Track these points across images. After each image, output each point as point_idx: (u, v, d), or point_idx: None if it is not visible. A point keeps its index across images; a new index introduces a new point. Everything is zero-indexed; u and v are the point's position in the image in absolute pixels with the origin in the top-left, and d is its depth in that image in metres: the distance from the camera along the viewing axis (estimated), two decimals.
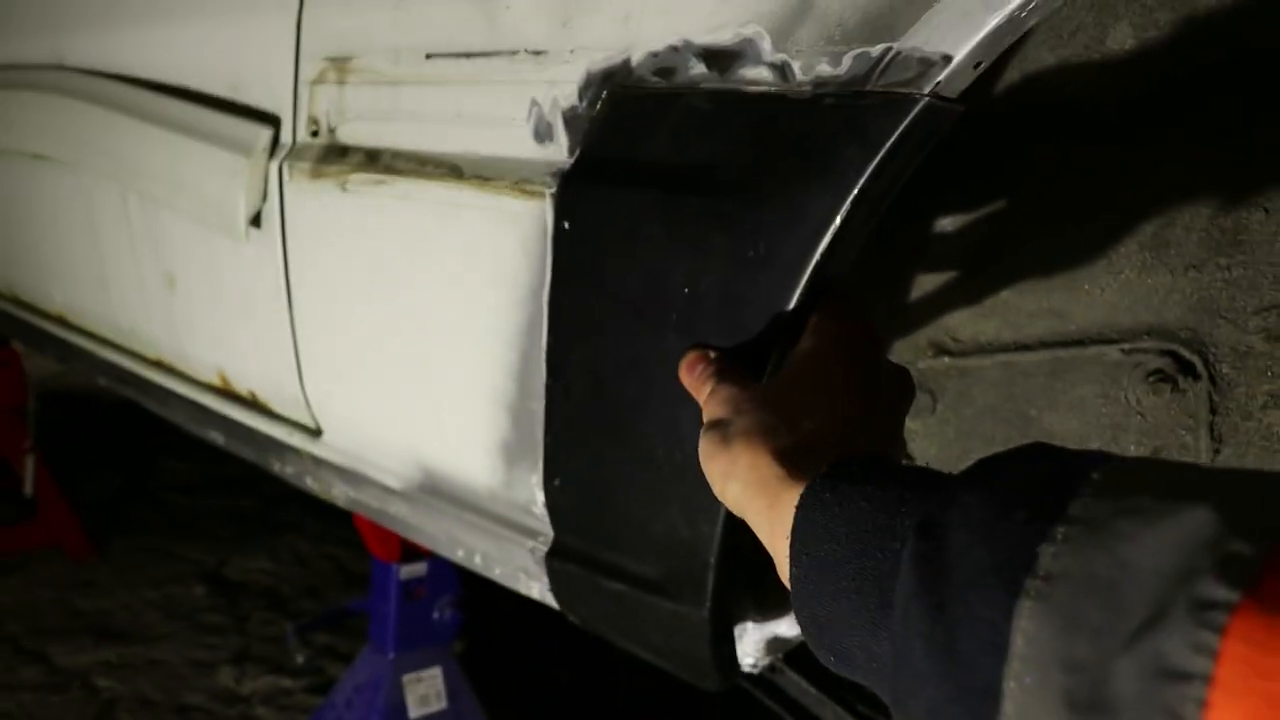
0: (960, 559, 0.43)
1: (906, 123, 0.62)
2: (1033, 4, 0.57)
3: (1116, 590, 0.36)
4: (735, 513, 0.65)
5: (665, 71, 0.78)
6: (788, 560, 0.57)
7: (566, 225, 0.85)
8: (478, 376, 1.02)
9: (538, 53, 0.88)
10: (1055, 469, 0.43)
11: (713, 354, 0.75)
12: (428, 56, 1.00)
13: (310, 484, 1.55)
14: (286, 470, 1.59)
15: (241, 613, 3.11)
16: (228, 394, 1.57)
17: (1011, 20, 0.58)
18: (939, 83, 0.61)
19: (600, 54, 0.83)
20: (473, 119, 0.96)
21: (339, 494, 1.48)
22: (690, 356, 0.76)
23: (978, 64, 0.61)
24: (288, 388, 1.38)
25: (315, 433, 1.40)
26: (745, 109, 0.73)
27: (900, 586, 0.46)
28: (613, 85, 0.82)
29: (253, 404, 1.52)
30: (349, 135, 1.13)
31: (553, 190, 0.86)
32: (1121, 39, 0.85)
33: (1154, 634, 0.34)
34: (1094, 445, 1.01)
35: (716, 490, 0.66)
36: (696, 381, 0.74)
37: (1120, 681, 0.35)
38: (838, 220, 0.67)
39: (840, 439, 0.60)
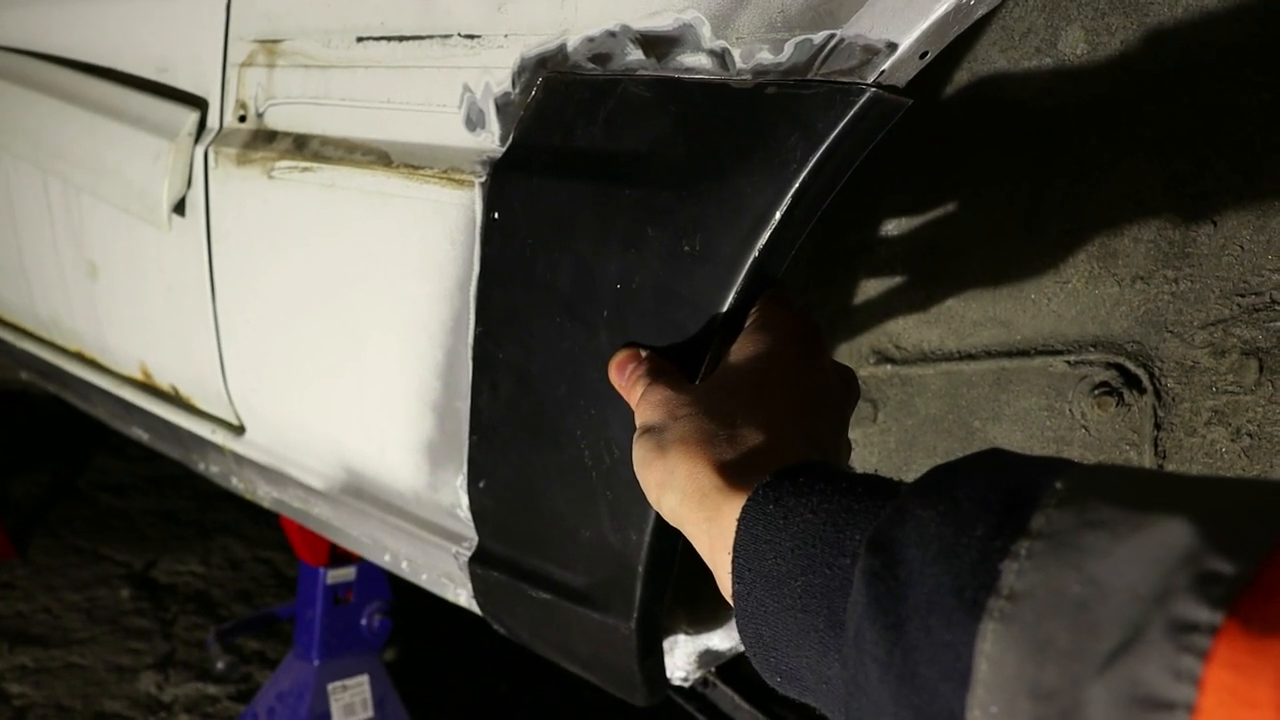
0: (916, 577, 0.40)
1: (851, 114, 0.59)
2: None
3: (1087, 610, 0.33)
4: (672, 523, 0.61)
5: (601, 58, 0.75)
6: (729, 575, 0.54)
7: (496, 216, 0.81)
8: (402, 373, 0.97)
9: (471, 37, 0.84)
10: (1014, 479, 0.40)
11: (644, 353, 0.72)
12: (359, 40, 0.96)
13: (235, 484, 1.50)
14: (211, 470, 1.53)
15: (168, 617, 3.02)
16: (150, 388, 1.51)
17: (959, 8, 0.55)
18: (883, 72, 0.58)
19: (535, 39, 0.79)
20: (404, 105, 0.92)
21: (263, 494, 1.43)
22: (620, 355, 0.72)
23: (924, 54, 0.58)
24: (210, 382, 1.32)
25: (238, 430, 1.35)
26: (683, 97, 0.69)
27: (852, 606, 0.44)
28: (547, 71, 0.78)
29: (175, 399, 1.46)
30: (277, 120, 1.08)
31: (482, 179, 0.82)
32: (1073, 43, 0.82)
33: (1130, 658, 0.32)
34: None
35: (652, 500, 0.62)
36: (627, 382, 0.71)
37: (1094, 710, 0.32)
38: (777, 215, 0.63)
39: (783, 445, 0.57)
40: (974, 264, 0.94)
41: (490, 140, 0.84)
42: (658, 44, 0.71)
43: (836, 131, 0.60)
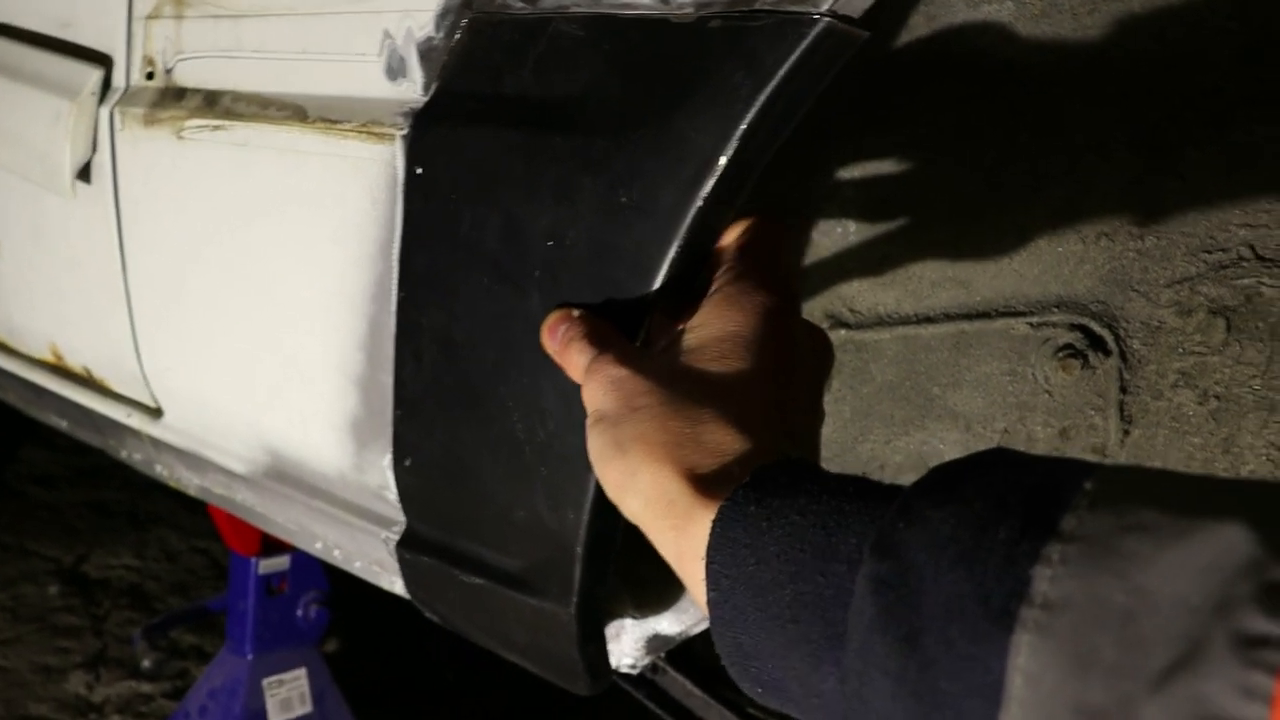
0: (931, 584, 0.37)
1: (802, 47, 0.54)
2: None
3: (1134, 622, 0.31)
4: (634, 523, 0.55)
5: None
6: (702, 583, 0.49)
7: (418, 171, 0.75)
8: (323, 346, 0.91)
9: None
10: (1033, 477, 0.37)
11: (577, 313, 0.65)
12: None
13: (159, 471, 1.41)
14: (134, 457, 1.45)
15: (100, 613, 2.91)
16: (62, 371, 1.42)
17: None
18: (838, 1, 0.53)
19: None
20: (321, 55, 0.85)
21: (187, 481, 1.35)
22: (552, 317, 0.66)
23: None
24: (124, 362, 1.24)
25: (156, 413, 1.27)
26: (619, 35, 0.63)
27: (855, 616, 0.40)
28: (473, 12, 0.72)
29: (89, 381, 1.37)
30: (187, 76, 1.00)
31: (404, 132, 0.76)
32: None
33: (1189, 675, 0.29)
34: (999, 425, 0.94)
35: (611, 496, 0.57)
36: (560, 345, 0.65)
37: None
38: (722, 161, 0.58)
39: (758, 442, 0.53)
40: (932, 221, 0.89)
41: (413, 90, 0.77)
42: None
43: (786, 67, 0.54)
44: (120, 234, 1.12)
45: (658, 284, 0.63)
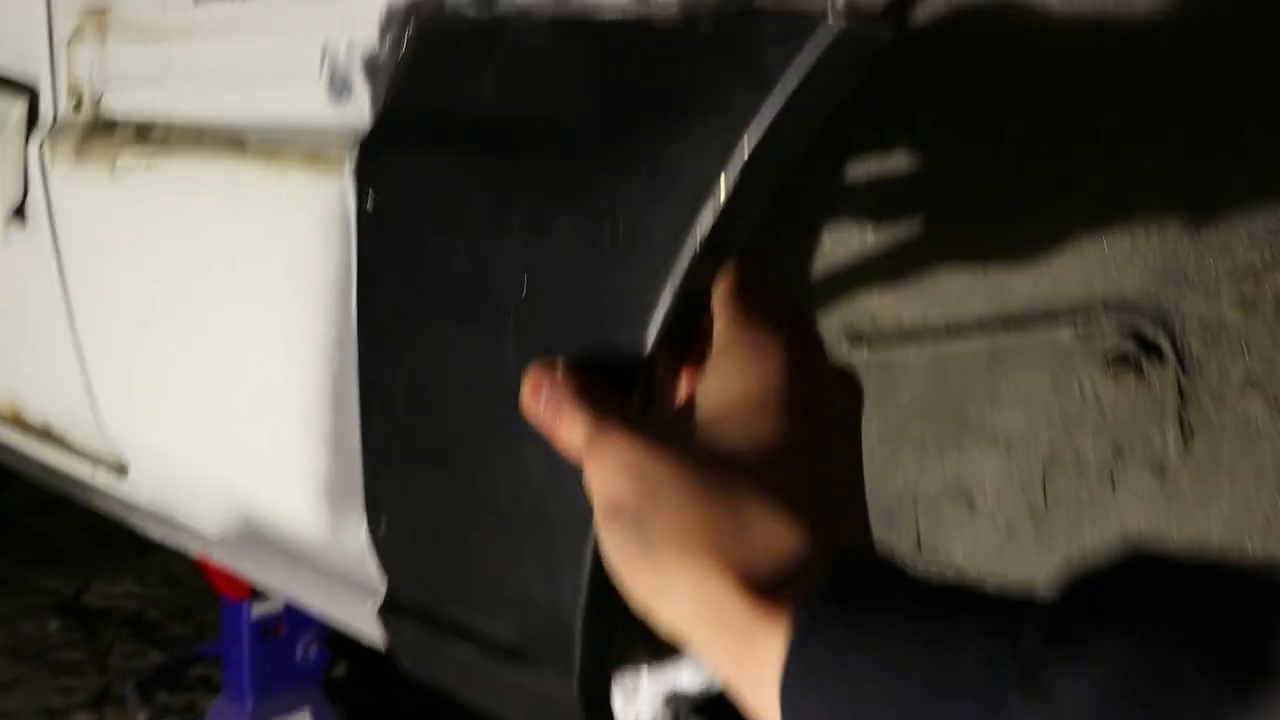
0: None
1: (814, 56, 0.44)
2: None
3: None
4: (670, 634, 0.46)
5: None
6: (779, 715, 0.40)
7: (369, 204, 0.65)
8: (288, 401, 0.81)
9: None
10: (1205, 590, 0.31)
11: (561, 370, 0.55)
12: (196, 0, 0.78)
13: (135, 525, 1.32)
14: (109, 509, 1.36)
15: (103, 645, 2.83)
16: (23, 425, 1.32)
17: None
18: None
19: None
20: (255, 76, 0.75)
21: (162, 537, 1.26)
22: (532, 376, 0.56)
23: None
24: (82, 417, 1.15)
25: (121, 470, 1.17)
26: (593, 41, 0.53)
27: None
28: (420, 19, 0.62)
29: (50, 436, 1.28)
30: (116, 106, 0.90)
31: (351, 161, 0.66)
32: None
33: None
34: (1043, 445, 0.84)
35: (639, 605, 0.47)
36: (547, 415, 0.55)
37: None
38: (723, 192, 0.48)
39: (812, 526, 0.44)
40: (959, 220, 0.79)
41: (359, 112, 0.67)
42: None
43: (795, 79, 0.44)
44: (63, 280, 1.03)
45: (652, 333, 0.53)
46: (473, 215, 0.59)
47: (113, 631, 2.96)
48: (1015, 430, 0.84)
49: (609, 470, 0.48)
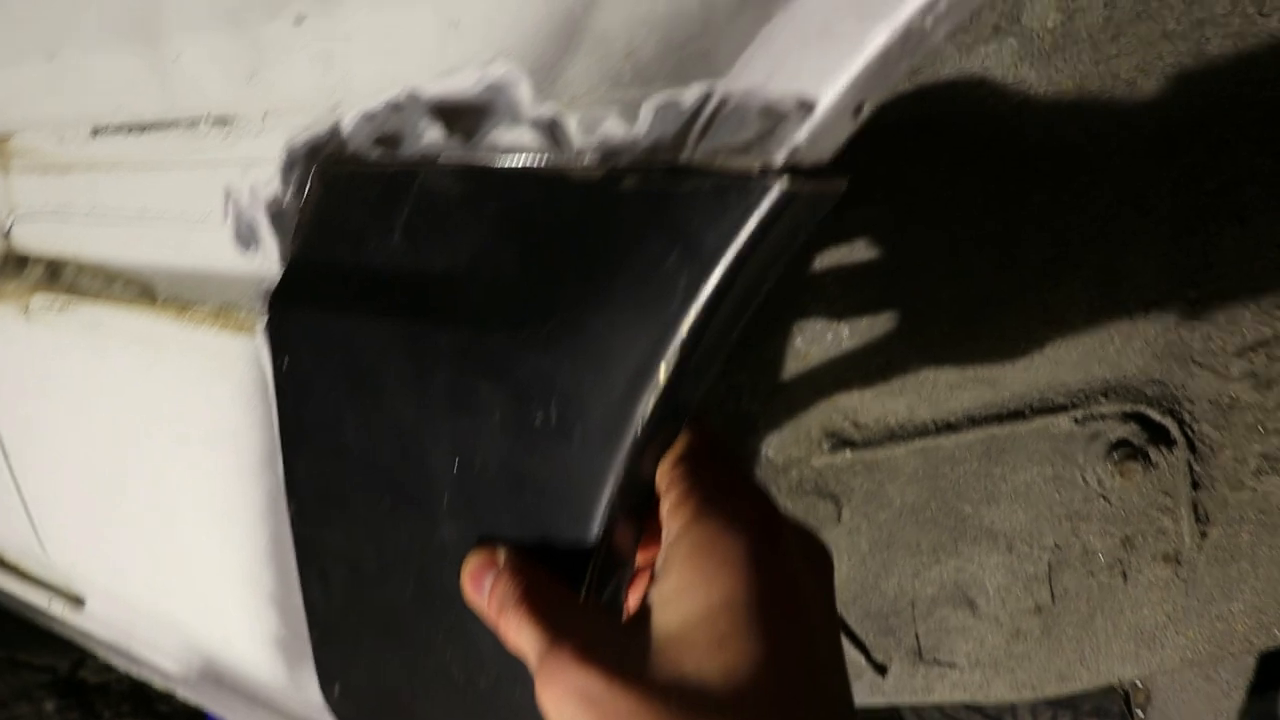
0: None
1: (755, 219, 0.37)
2: (941, 3, 0.32)
3: None
4: None
5: (389, 139, 0.52)
6: None
7: (285, 367, 0.58)
8: (229, 558, 0.74)
9: (223, 122, 0.61)
10: None
11: (503, 558, 0.49)
12: (94, 132, 0.72)
13: (97, 654, 1.25)
14: (71, 638, 1.29)
15: None
16: None
17: (909, 34, 0.33)
18: (798, 147, 0.36)
19: (301, 119, 0.56)
20: (160, 218, 0.68)
21: (125, 669, 1.19)
22: (472, 563, 0.51)
23: (859, 107, 0.36)
24: (31, 549, 1.08)
25: (77, 601, 1.10)
26: (505, 194, 0.47)
27: None
28: (322, 163, 0.55)
29: (7, 566, 1.21)
30: (27, 240, 0.83)
31: (263, 321, 0.59)
32: (1042, 15, 0.61)
33: None
34: (1047, 541, 0.78)
35: None
36: (492, 610, 0.49)
37: None
38: (662, 374, 0.41)
39: None
40: (942, 310, 0.73)
41: (267, 261, 0.60)
42: (461, 115, 0.48)
43: (735, 247, 0.38)
44: None
45: (598, 521, 0.46)
46: (394, 385, 0.52)
47: (110, 709, 2.88)
48: (1016, 527, 0.77)
49: (565, 699, 0.43)
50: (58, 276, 0.79)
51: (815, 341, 0.74)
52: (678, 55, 0.39)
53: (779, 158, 0.36)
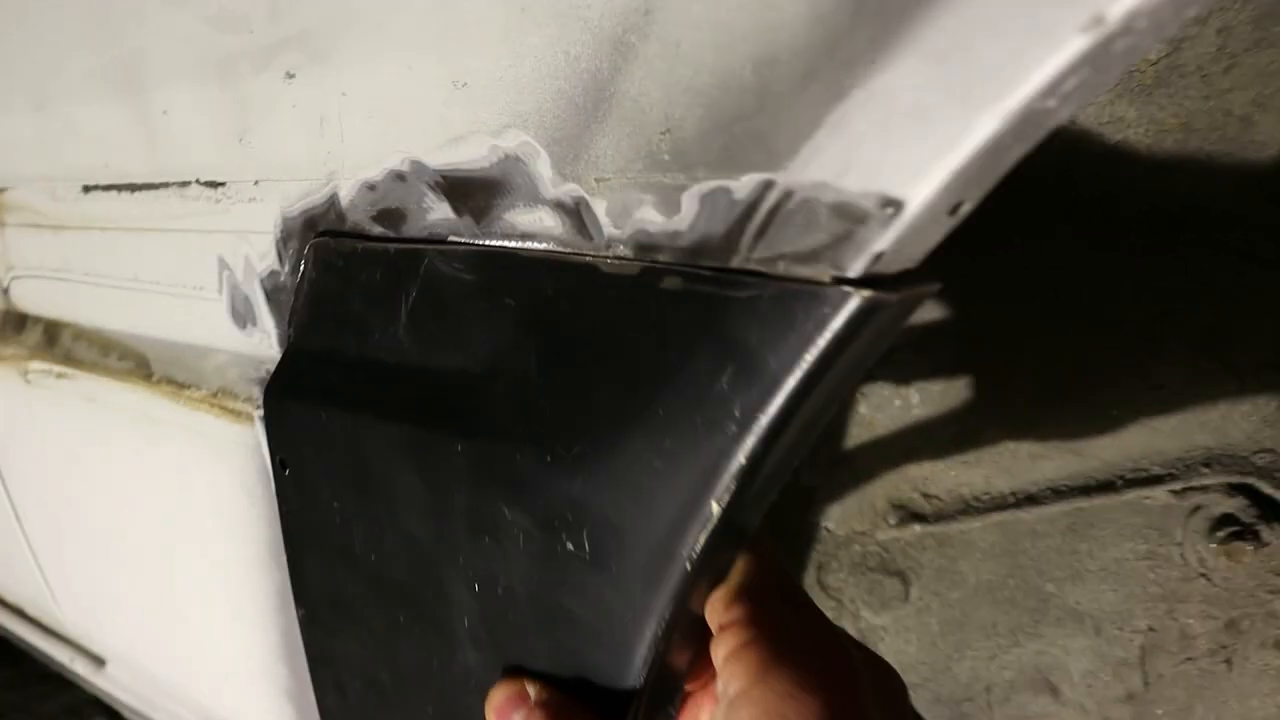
0: None
1: (826, 338, 0.30)
2: (1070, 82, 0.24)
3: None
4: None
5: (392, 215, 0.45)
6: None
7: (285, 467, 0.52)
8: (244, 649, 0.69)
9: (214, 184, 0.55)
10: None
11: (534, 693, 0.43)
12: (85, 189, 0.66)
13: (122, 714, 1.20)
14: (97, 695, 1.24)
15: None
16: (7, 606, 1.21)
17: (1027, 119, 0.25)
18: (880, 255, 0.29)
19: (295, 185, 0.49)
20: (154, 285, 0.62)
21: None
22: (499, 696, 0.44)
23: (956, 206, 0.28)
24: (48, 610, 1.03)
25: (99, 661, 1.05)
26: (523, 285, 0.40)
27: None
28: (319, 237, 0.49)
29: (30, 620, 1.16)
30: (25, 298, 0.78)
31: (260, 411, 0.53)
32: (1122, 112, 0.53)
33: None
34: (1140, 624, 0.70)
35: None
36: None
37: None
38: (715, 511, 0.34)
39: None
40: (1026, 376, 0.65)
41: (266, 342, 0.54)
42: (471, 191, 0.41)
43: (803, 369, 0.31)
44: (3, 480, 0.91)
45: (642, 662, 0.39)
46: (405, 496, 0.46)
47: None
48: (1105, 609, 0.69)
49: None
50: (55, 340, 0.73)
51: (882, 408, 0.67)
52: (727, 135, 0.32)
53: (857, 266, 0.29)
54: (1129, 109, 0.55)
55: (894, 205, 0.28)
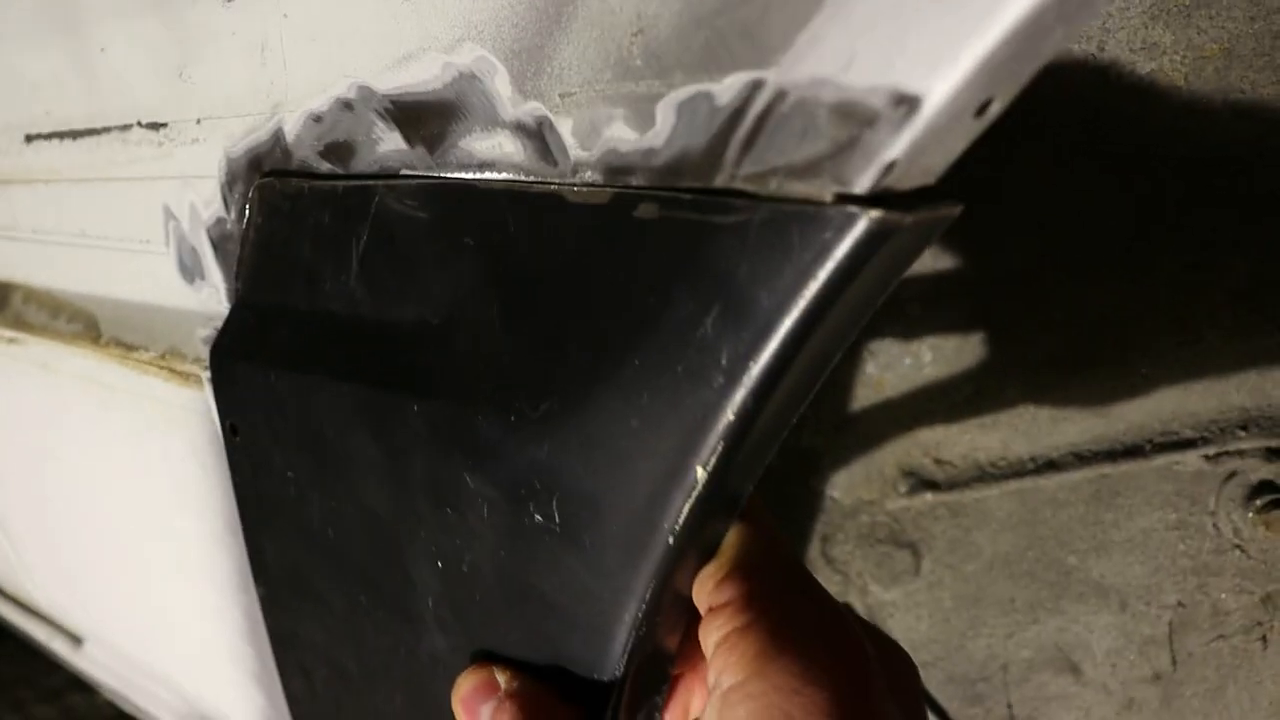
0: None
1: (828, 270, 0.25)
2: None
3: None
4: None
5: (339, 150, 0.40)
6: None
7: (235, 433, 0.47)
8: (209, 628, 0.65)
9: (156, 126, 0.50)
10: None
11: (504, 682, 0.39)
12: (28, 138, 0.61)
13: (102, 693, 1.17)
14: (77, 674, 1.20)
15: None
16: None
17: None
18: (894, 164, 0.24)
19: (238, 121, 0.44)
20: (101, 240, 0.57)
21: (129, 711, 1.10)
22: (466, 684, 0.40)
23: (984, 104, 0.23)
24: (22, 585, 0.99)
25: (76, 640, 1.01)
26: (481, 222, 0.35)
27: None
28: (264, 178, 0.44)
29: (7, 596, 1.12)
30: None
31: (208, 374, 0.48)
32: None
33: None
34: (1169, 598, 0.65)
35: None
36: None
37: None
38: (700, 475, 0.29)
39: None
40: (1049, 330, 0.60)
41: (215, 297, 0.49)
42: (423, 117, 0.36)
43: (800, 307, 0.26)
44: None
45: (620, 651, 0.35)
46: (361, 464, 0.41)
47: None
48: (1131, 582, 0.64)
49: None
50: (6, 303, 0.69)
51: (891, 367, 0.62)
52: (708, 30, 0.27)
53: (865, 180, 0.24)
54: (1164, 33, 0.50)
55: (909, 103, 0.23)
